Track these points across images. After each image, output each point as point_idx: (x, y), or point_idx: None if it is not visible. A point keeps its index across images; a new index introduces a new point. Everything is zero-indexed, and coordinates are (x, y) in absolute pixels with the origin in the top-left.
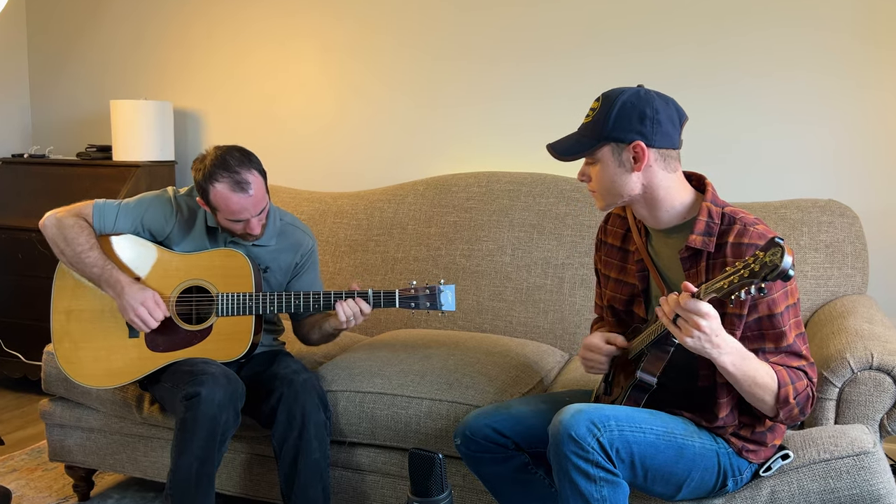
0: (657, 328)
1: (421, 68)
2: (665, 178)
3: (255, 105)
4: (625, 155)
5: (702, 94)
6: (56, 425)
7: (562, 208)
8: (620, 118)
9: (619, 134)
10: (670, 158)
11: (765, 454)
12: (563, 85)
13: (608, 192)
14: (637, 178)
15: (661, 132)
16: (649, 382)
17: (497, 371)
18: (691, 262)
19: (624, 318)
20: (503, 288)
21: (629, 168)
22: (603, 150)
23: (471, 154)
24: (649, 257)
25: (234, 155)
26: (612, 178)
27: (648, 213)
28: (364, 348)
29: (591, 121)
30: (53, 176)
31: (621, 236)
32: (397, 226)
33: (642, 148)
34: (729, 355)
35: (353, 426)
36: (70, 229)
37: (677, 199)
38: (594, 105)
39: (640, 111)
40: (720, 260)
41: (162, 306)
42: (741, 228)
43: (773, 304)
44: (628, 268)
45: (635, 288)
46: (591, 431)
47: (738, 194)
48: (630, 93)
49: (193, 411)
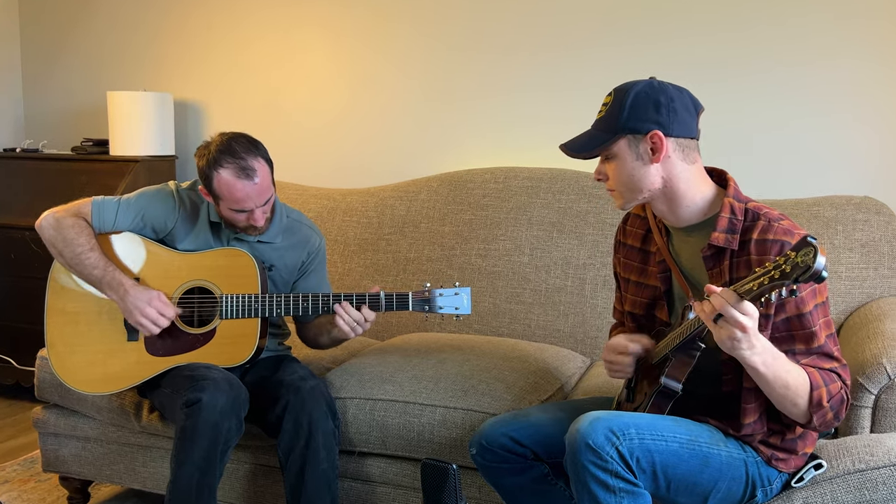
0: (683, 331)
1: (435, 58)
2: (685, 171)
3: (260, 96)
4: (642, 146)
5: (729, 85)
6: (50, 434)
7: (583, 205)
8: (635, 108)
9: (634, 124)
10: (689, 149)
11: (795, 463)
12: (585, 76)
13: (627, 188)
14: (656, 171)
15: (677, 120)
16: (674, 388)
17: (515, 377)
18: (714, 261)
19: (644, 323)
20: (521, 290)
21: (647, 160)
22: (619, 143)
23: (487, 149)
24: (671, 257)
25: (240, 141)
26: (631, 172)
27: (669, 209)
28: (375, 353)
29: (605, 115)
30: (47, 171)
31: (641, 237)
32: (410, 224)
33: (660, 137)
34: (760, 355)
35: (363, 435)
36: (69, 230)
37: (698, 194)
38: (606, 100)
39: (655, 100)
40: (744, 258)
41: (171, 305)
42: (765, 224)
43: (802, 304)
44: (649, 269)
45: (657, 290)
46: (610, 440)
47: (769, 191)
48: (643, 84)
49: (194, 419)
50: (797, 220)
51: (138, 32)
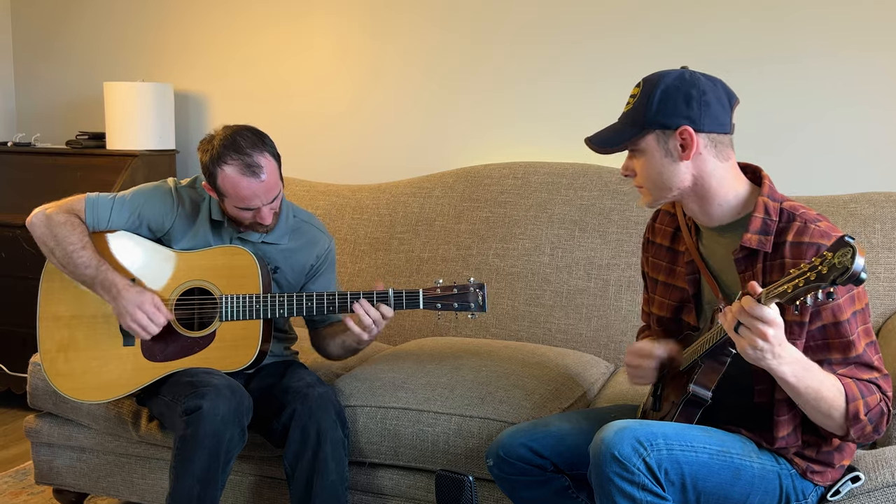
0: (712, 336)
1: (450, 47)
2: (717, 168)
3: (266, 87)
4: (671, 142)
5: (761, 75)
6: (43, 444)
7: (607, 202)
8: (664, 102)
9: (663, 119)
10: (722, 145)
11: (832, 476)
12: (610, 65)
13: (655, 185)
14: (686, 168)
15: (709, 115)
16: (703, 397)
17: (534, 384)
18: (746, 264)
19: (672, 327)
20: (541, 291)
21: (677, 157)
22: (647, 138)
23: (505, 142)
24: (701, 258)
25: (245, 135)
26: (659, 169)
27: (700, 208)
28: (386, 359)
29: (632, 108)
30: (40, 166)
31: (670, 235)
32: (423, 222)
33: (690, 133)
34: (790, 366)
35: (375, 445)
36: (61, 227)
37: (731, 192)
38: (634, 91)
39: (686, 93)
40: (778, 261)
41: (163, 310)
42: (801, 226)
43: (838, 311)
44: (677, 270)
45: (685, 293)
46: (637, 451)
47: (802, 187)
48: (673, 75)
49: (194, 428)
50: (833, 218)
51: (137, 19)
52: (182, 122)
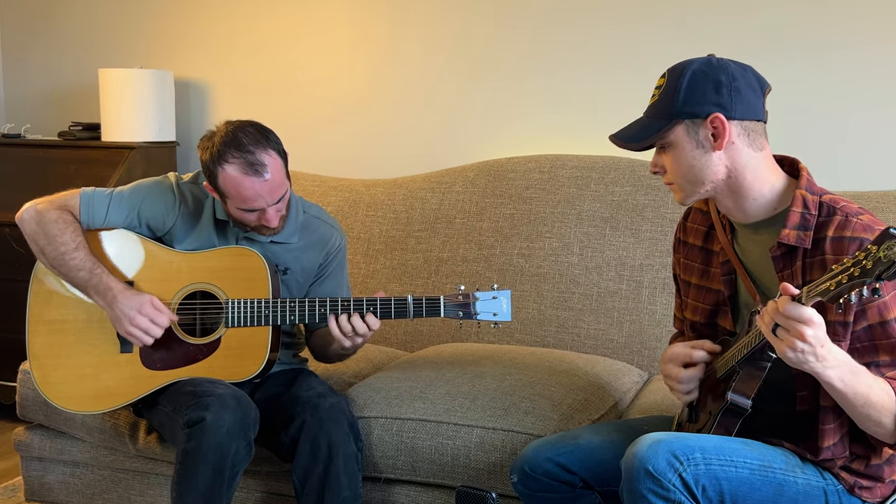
0: (751, 340)
1: (473, 32)
2: (752, 158)
3: (273, 75)
4: (702, 132)
5: (798, 64)
6: (34, 458)
7: (640, 198)
8: (692, 90)
9: (692, 108)
10: (755, 133)
11: (882, 492)
12: (642, 52)
13: (687, 180)
14: (719, 160)
15: (741, 101)
16: (742, 405)
17: (562, 394)
18: (785, 262)
19: (706, 333)
20: (569, 294)
21: (709, 147)
22: (676, 130)
23: (531, 134)
24: (736, 257)
25: (247, 131)
26: (690, 162)
27: (734, 204)
28: (403, 366)
29: (658, 99)
30: (30, 159)
31: (703, 234)
32: (442, 219)
33: (721, 121)
34: (835, 369)
35: (390, 459)
36: (52, 224)
37: (766, 185)
38: (659, 82)
39: (715, 79)
40: (818, 258)
41: (165, 310)
42: (842, 220)
43: (885, 309)
44: (712, 271)
45: (720, 295)
46: (673, 465)
47: (849, 182)
48: (700, 62)
49: (197, 440)
50: (881, 215)
51: (135, 1)
52: (183, 112)
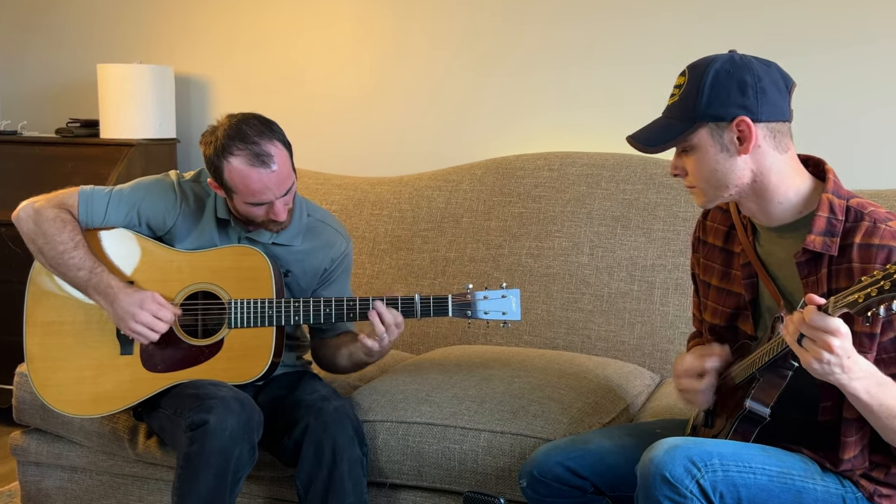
0: (773, 347)
1: (481, 26)
2: (777, 161)
3: (276, 70)
4: (727, 136)
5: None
6: (31, 463)
7: (651, 197)
8: (716, 91)
9: (716, 110)
10: (781, 135)
11: None
12: (655, 48)
13: (710, 184)
14: (744, 163)
15: (767, 102)
16: (761, 414)
17: (572, 397)
18: (810, 268)
19: (726, 336)
20: (579, 295)
21: (734, 151)
22: (699, 133)
23: (540, 131)
24: (759, 260)
25: (251, 123)
26: (714, 166)
27: (758, 206)
28: (409, 369)
29: (679, 100)
30: (27, 157)
31: (724, 234)
32: (449, 219)
33: (747, 124)
34: (862, 381)
35: (396, 464)
36: (50, 223)
37: (791, 189)
38: (679, 81)
39: (740, 79)
40: (845, 265)
41: (168, 306)
42: (870, 226)
43: None
44: (733, 274)
45: (741, 298)
46: (690, 472)
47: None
48: (722, 59)
49: (199, 444)
50: None
51: None
52: (183, 109)
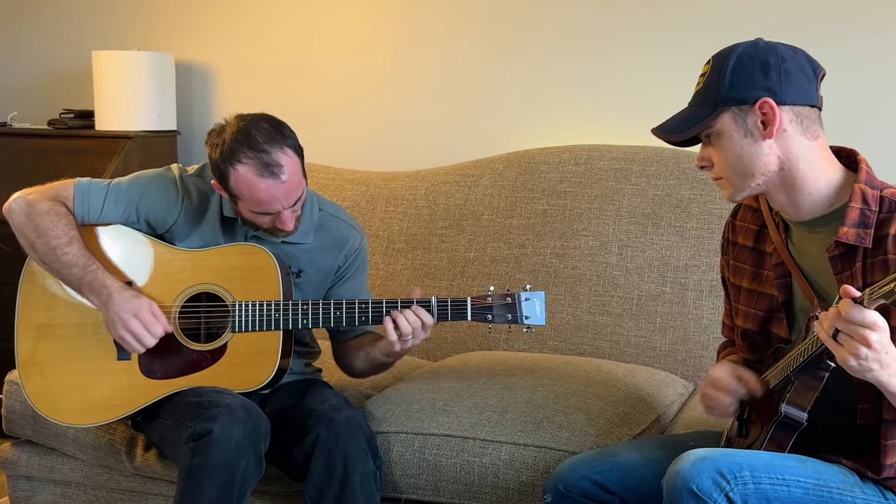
0: (807, 347)
1: (502, 12)
2: (805, 148)
3: (283, 58)
4: (750, 119)
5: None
6: (21, 477)
7: (684, 193)
8: (738, 74)
9: (738, 93)
10: (809, 121)
11: None
12: (686, 37)
13: (736, 173)
14: (770, 149)
15: (791, 84)
16: (797, 418)
17: (600, 407)
18: (843, 262)
19: (759, 341)
20: (608, 297)
21: (758, 136)
22: (722, 118)
23: (565, 123)
24: (791, 259)
25: (261, 128)
26: (739, 152)
27: (787, 198)
28: (425, 377)
29: (703, 87)
30: (17, 150)
31: (754, 234)
32: (469, 216)
33: (771, 106)
34: None
35: (411, 478)
36: (44, 216)
37: (822, 179)
38: (704, 69)
39: (762, 61)
40: (880, 258)
41: (161, 318)
42: None
43: None
44: (765, 274)
45: (774, 300)
46: (718, 484)
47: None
48: (745, 45)
49: (203, 456)
50: None
51: None
52: (185, 99)
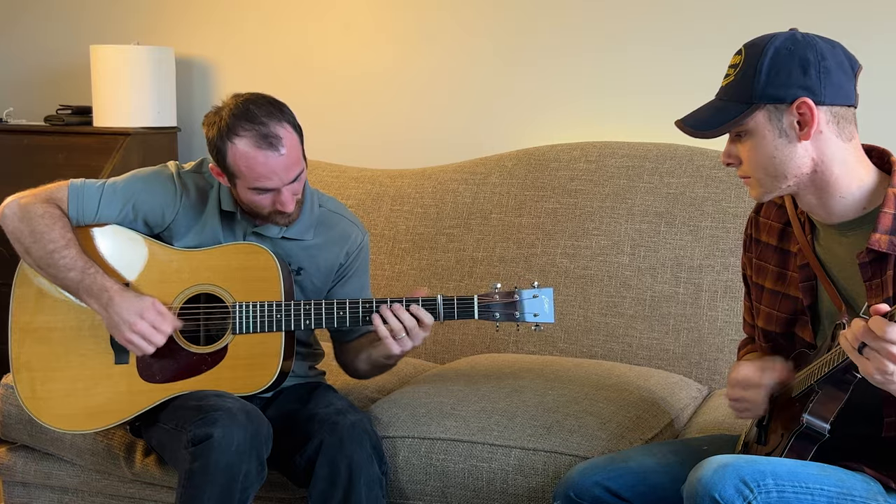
0: (833, 357)
1: (512, 4)
2: (840, 150)
3: (286, 52)
4: (786, 119)
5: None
6: (17, 483)
7: (699, 191)
8: (775, 70)
9: (775, 91)
10: (845, 121)
11: None
12: (701, 28)
13: (767, 174)
14: (805, 151)
15: (831, 84)
16: (819, 429)
17: (611, 410)
18: (874, 270)
19: (782, 343)
20: (619, 298)
21: (793, 137)
22: (756, 116)
23: (576, 119)
24: (818, 261)
25: (259, 103)
26: (772, 153)
27: (818, 200)
28: (432, 380)
29: (734, 80)
30: (13, 147)
31: (778, 232)
32: (477, 215)
33: (809, 106)
34: None
35: (418, 484)
36: (39, 220)
37: (855, 182)
38: (734, 60)
39: (802, 58)
40: None
41: (168, 316)
42: None
43: None
44: (789, 275)
45: (798, 303)
46: (742, 493)
47: None
48: (782, 37)
49: (203, 460)
50: None
51: None
52: (185, 95)
